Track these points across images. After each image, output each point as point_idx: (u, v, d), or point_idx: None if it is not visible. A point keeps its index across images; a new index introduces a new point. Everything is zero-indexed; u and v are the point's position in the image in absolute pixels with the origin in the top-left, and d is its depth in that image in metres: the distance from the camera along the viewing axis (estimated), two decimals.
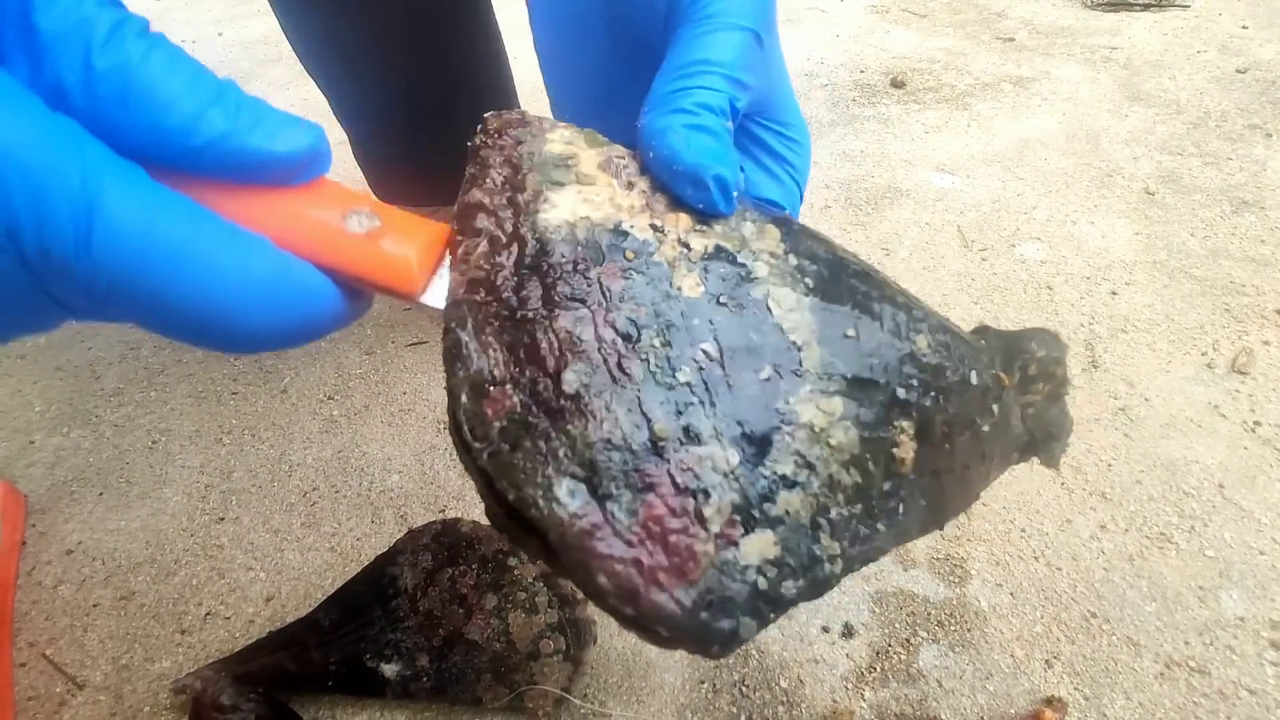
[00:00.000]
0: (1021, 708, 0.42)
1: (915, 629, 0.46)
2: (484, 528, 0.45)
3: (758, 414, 0.19)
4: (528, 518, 0.18)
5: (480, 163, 0.23)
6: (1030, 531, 0.51)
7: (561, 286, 0.20)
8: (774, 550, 0.19)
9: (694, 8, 0.24)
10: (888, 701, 0.42)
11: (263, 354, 0.68)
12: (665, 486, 0.18)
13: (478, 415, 0.18)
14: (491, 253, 0.20)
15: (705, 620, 0.18)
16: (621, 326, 0.19)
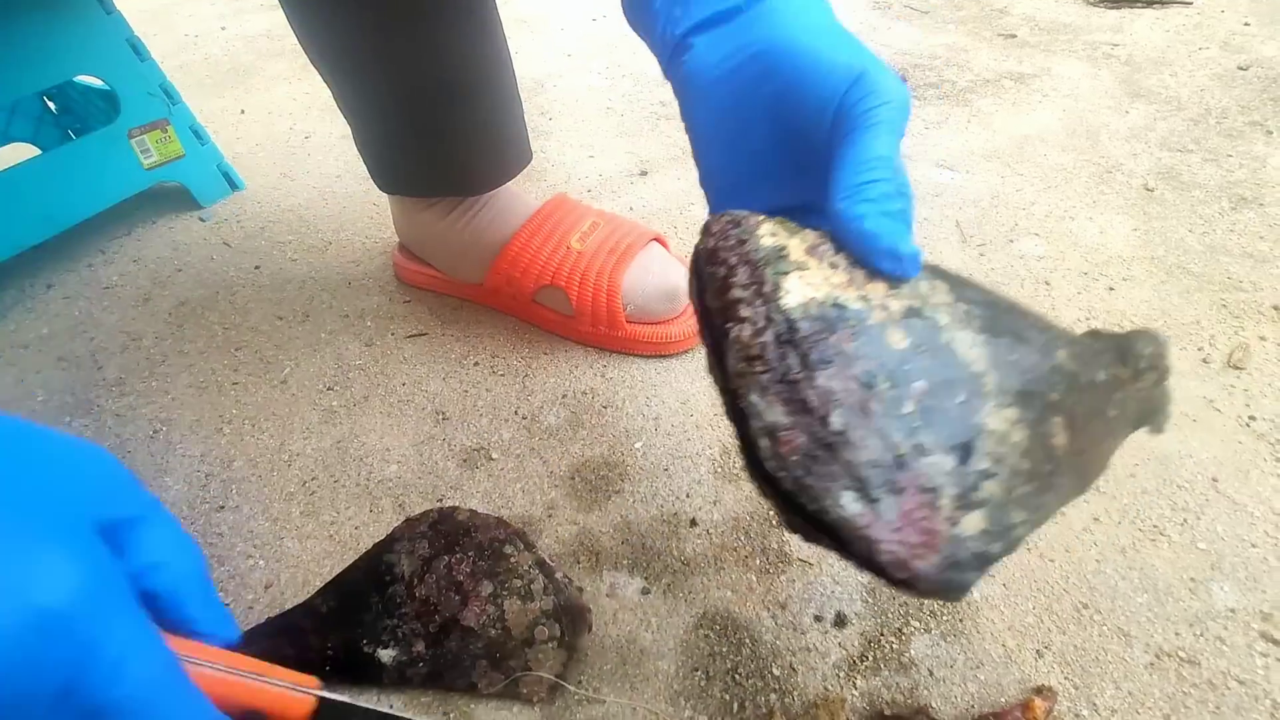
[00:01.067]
0: (1012, 696, 0.42)
1: (908, 619, 0.46)
2: (481, 516, 0.46)
3: (961, 428, 0.27)
4: (826, 522, 0.25)
5: (723, 264, 0.29)
6: None
7: (813, 354, 0.26)
8: (983, 524, 0.26)
9: (865, 116, 0.30)
10: (879, 690, 0.43)
11: (263, 344, 0.68)
12: (911, 488, 0.25)
13: (776, 454, 0.25)
14: (755, 334, 0.27)
15: (949, 577, 0.26)
16: (861, 378, 0.26)
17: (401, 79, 0.58)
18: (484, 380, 0.64)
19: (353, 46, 0.57)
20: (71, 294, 0.76)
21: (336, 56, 0.59)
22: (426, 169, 0.62)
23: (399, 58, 0.56)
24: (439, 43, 0.57)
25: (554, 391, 0.63)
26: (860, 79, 0.30)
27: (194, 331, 0.70)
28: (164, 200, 0.88)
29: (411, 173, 0.63)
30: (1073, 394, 0.29)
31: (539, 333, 0.68)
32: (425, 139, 0.60)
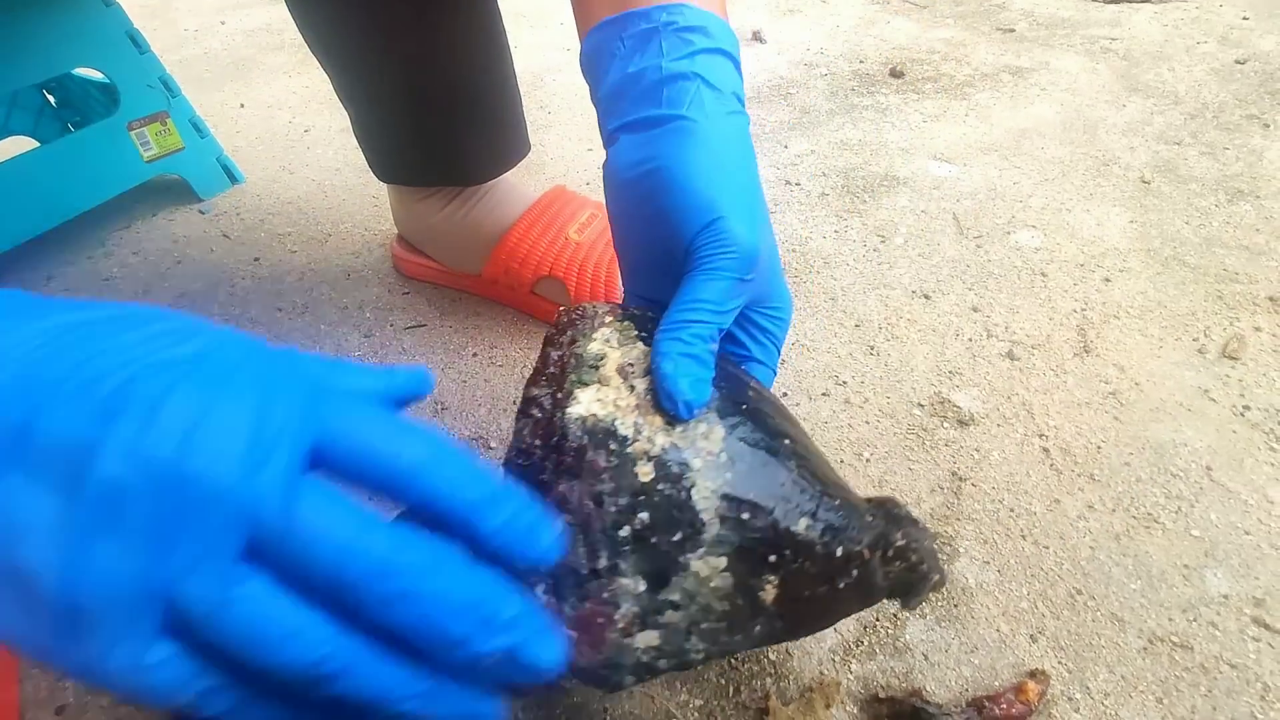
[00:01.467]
0: (1006, 680, 0.42)
1: None
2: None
3: (665, 562, 0.28)
4: None
5: (544, 359, 0.33)
6: (1018, 511, 0.51)
7: (567, 462, 0.29)
8: (656, 642, 0.29)
9: (703, 260, 0.33)
10: (874, 674, 0.43)
11: (263, 336, 0.69)
12: (594, 598, 0.28)
13: None
14: (534, 432, 0.30)
15: (605, 674, 0.29)
16: (595, 496, 0.28)
17: (401, 68, 0.58)
18: (482, 371, 0.64)
19: (353, 36, 0.57)
20: (72, 286, 0.77)
21: (336, 45, 0.59)
22: (425, 158, 0.63)
23: (399, 47, 0.57)
24: (439, 33, 0.57)
25: None
26: (712, 224, 0.33)
27: None
28: (164, 193, 0.89)
29: (410, 162, 0.64)
30: (800, 560, 0.30)
31: (537, 323, 0.68)
32: (424, 128, 0.61)
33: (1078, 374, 0.61)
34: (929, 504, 0.52)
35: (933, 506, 0.52)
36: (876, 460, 0.55)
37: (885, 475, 0.54)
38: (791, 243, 0.76)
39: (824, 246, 0.75)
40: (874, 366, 0.63)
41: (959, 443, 0.56)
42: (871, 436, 0.57)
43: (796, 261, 0.73)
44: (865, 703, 0.42)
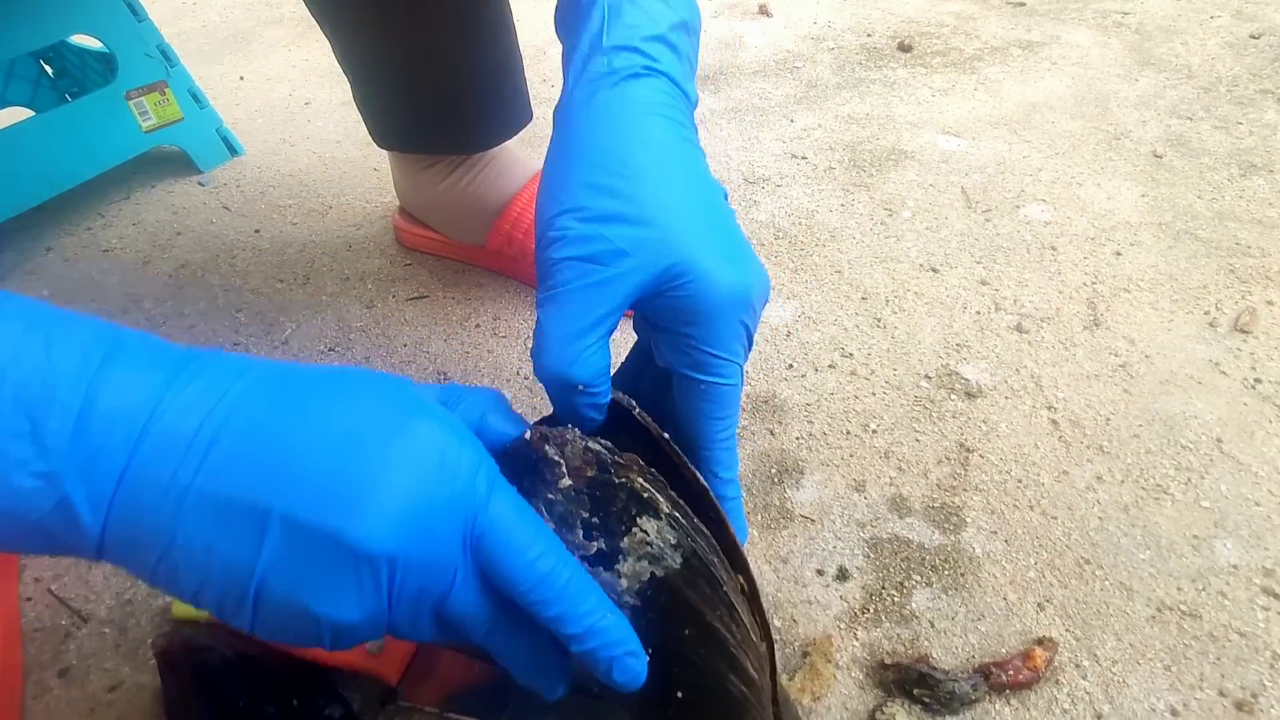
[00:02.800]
0: (1013, 648, 0.42)
1: (909, 573, 0.46)
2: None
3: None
4: None
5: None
6: (1027, 482, 0.51)
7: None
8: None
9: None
10: (880, 640, 0.43)
11: (264, 306, 0.68)
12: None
13: None
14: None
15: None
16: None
17: (403, 34, 0.57)
18: (486, 342, 0.64)
19: (355, 5, 0.56)
20: (71, 256, 0.76)
21: (337, 11, 0.58)
22: (425, 125, 0.62)
23: (400, 13, 0.56)
24: (442, 4, 0.56)
25: None
26: (537, 238, 0.32)
27: (194, 294, 0.70)
28: (163, 165, 0.88)
29: (410, 129, 0.63)
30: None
31: None
32: (425, 94, 0.60)
33: (1087, 347, 0.60)
34: (936, 475, 0.52)
35: (940, 477, 0.52)
36: (883, 431, 0.55)
37: (892, 446, 0.54)
38: (797, 216, 0.75)
39: (830, 220, 0.74)
40: (881, 339, 0.62)
41: (967, 414, 0.56)
42: (878, 408, 0.56)
43: (803, 235, 0.72)
44: (871, 669, 0.42)
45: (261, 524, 0.23)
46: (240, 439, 0.23)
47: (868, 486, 0.51)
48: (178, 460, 0.23)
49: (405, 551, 0.24)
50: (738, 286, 0.30)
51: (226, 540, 0.23)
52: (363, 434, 0.25)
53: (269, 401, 0.24)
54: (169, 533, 0.23)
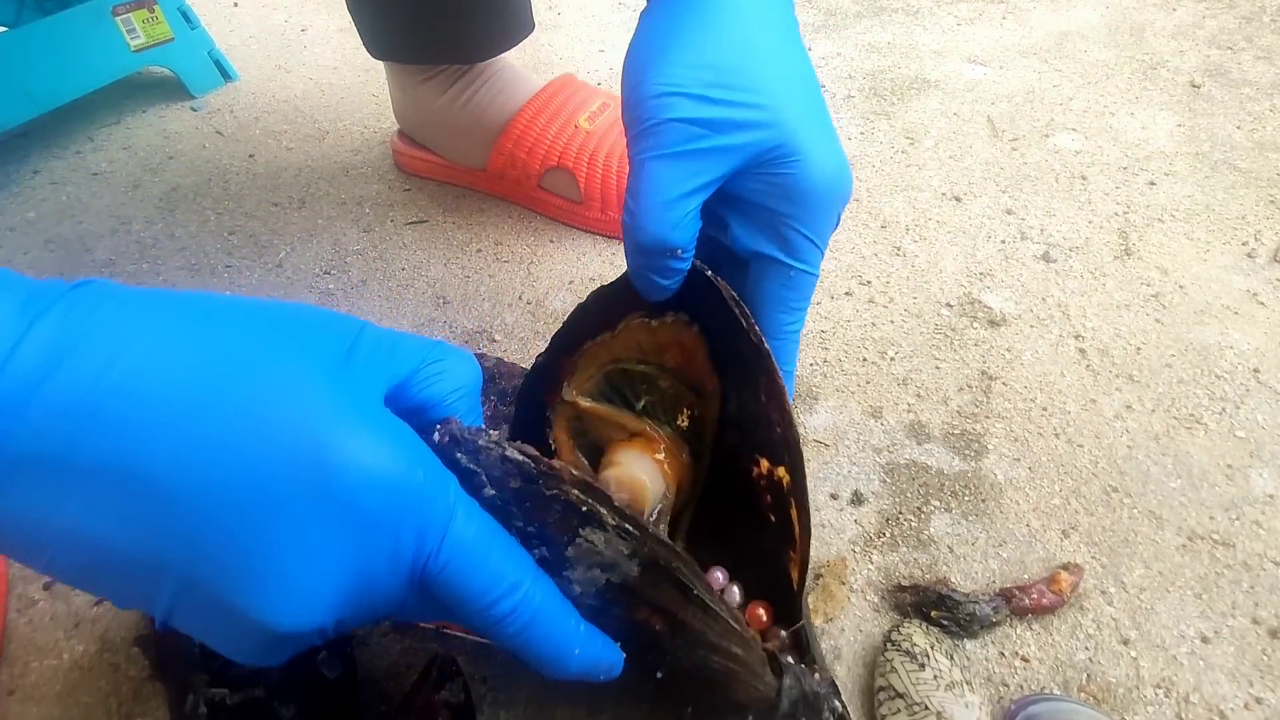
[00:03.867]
0: (1035, 574, 0.40)
1: (927, 498, 0.44)
2: (506, 364, 0.44)
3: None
4: None
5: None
6: (1052, 410, 0.49)
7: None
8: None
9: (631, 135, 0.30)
10: (896, 565, 0.41)
11: (258, 229, 0.66)
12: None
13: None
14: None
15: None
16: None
17: None
18: (487, 267, 0.61)
19: None
20: (59, 180, 0.73)
21: None
22: (422, 32, 0.58)
23: None
24: None
25: (560, 278, 0.60)
26: (632, 95, 0.30)
27: (185, 216, 0.67)
28: (154, 90, 0.84)
29: (406, 37, 0.59)
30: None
31: (545, 220, 0.65)
32: (417, 2, 0.56)
33: (1118, 277, 0.57)
34: (956, 402, 0.49)
35: (960, 404, 0.49)
36: (902, 359, 0.52)
37: (911, 374, 0.51)
38: None
39: (848, 148, 0.71)
40: (900, 267, 0.59)
41: (989, 343, 0.53)
42: (897, 336, 0.54)
43: None
44: (887, 592, 0.40)
45: (156, 580, 0.20)
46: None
47: (885, 413, 0.49)
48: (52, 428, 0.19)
49: (336, 618, 0.21)
50: (840, 175, 0.30)
51: (120, 586, 0.20)
52: (275, 475, 0.20)
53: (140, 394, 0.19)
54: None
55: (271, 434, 0.20)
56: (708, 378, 0.35)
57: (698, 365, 0.35)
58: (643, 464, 0.33)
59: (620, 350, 0.36)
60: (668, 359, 0.36)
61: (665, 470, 0.34)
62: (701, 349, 0.34)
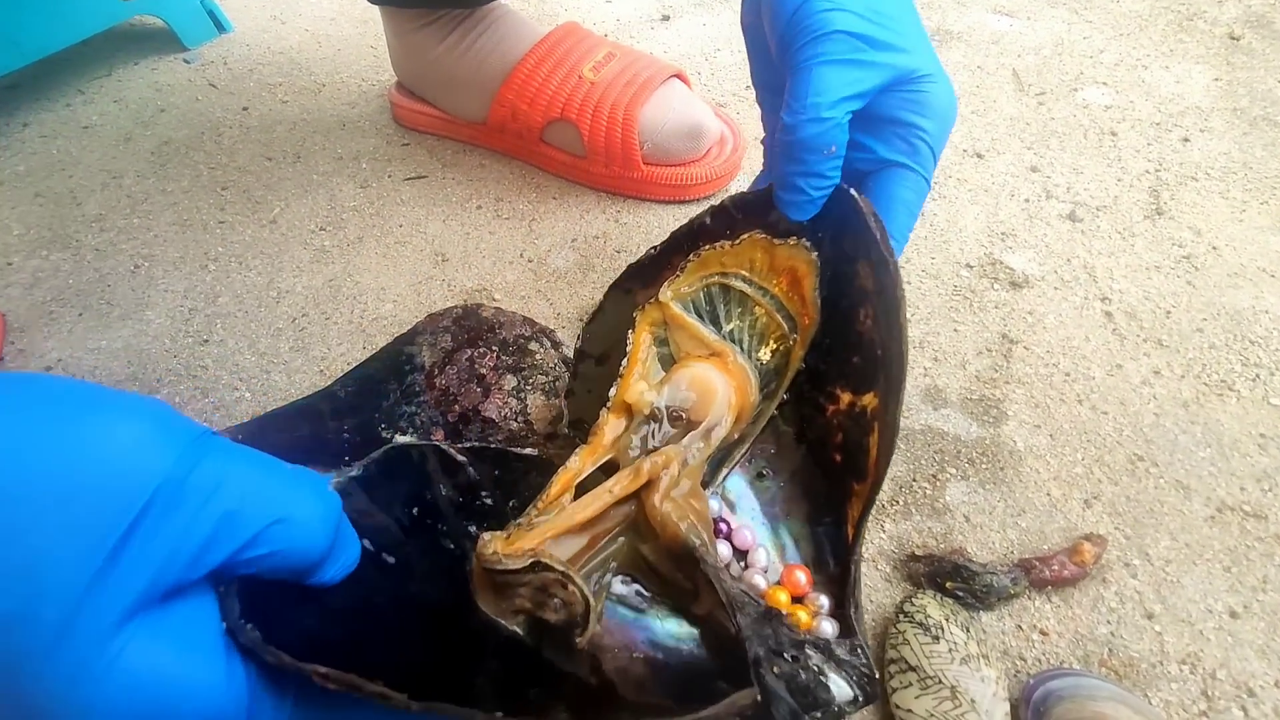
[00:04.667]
0: (1056, 545, 0.38)
1: (943, 465, 0.42)
2: (506, 314, 0.44)
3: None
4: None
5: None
6: (1075, 376, 0.46)
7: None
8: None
9: (789, 52, 0.33)
10: (909, 533, 0.39)
11: (251, 184, 0.63)
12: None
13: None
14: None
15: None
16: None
17: None
18: (487, 223, 0.59)
19: None
20: (49, 133, 0.71)
21: None
22: None
23: None
24: None
25: (563, 235, 0.58)
26: (800, 9, 0.32)
27: (178, 170, 0.65)
28: (146, 42, 0.82)
29: None
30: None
31: (547, 176, 0.62)
32: None
33: (1148, 237, 0.55)
34: (975, 366, 0.47)
35: (979, 369, 0.47)
36: (918, 321, 0.50)
37: (927, 337, 0.49)
38: None
39: None
40: (918, 227, 0.56)
41: (1011, 305, 0.51)
42: (913, 297, 0.52)
43: None
44: (899, 562, 0.38)
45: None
46: None
47: None
48: None
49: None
50: (955, 102, 0.34)
51: None
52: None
53: None
54: None
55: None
56: (807, 310, 0.35)
57: (802, 295, 0.35)
58: (718, 377, 0.34)
59: (732, 263, 0.37)
60: (775, 284, 0.36)
61: (733, 397, 0.34)
62: (811, 280, 0.35)
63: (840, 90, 0.31)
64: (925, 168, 0.34)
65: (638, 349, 0.36)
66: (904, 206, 0.34)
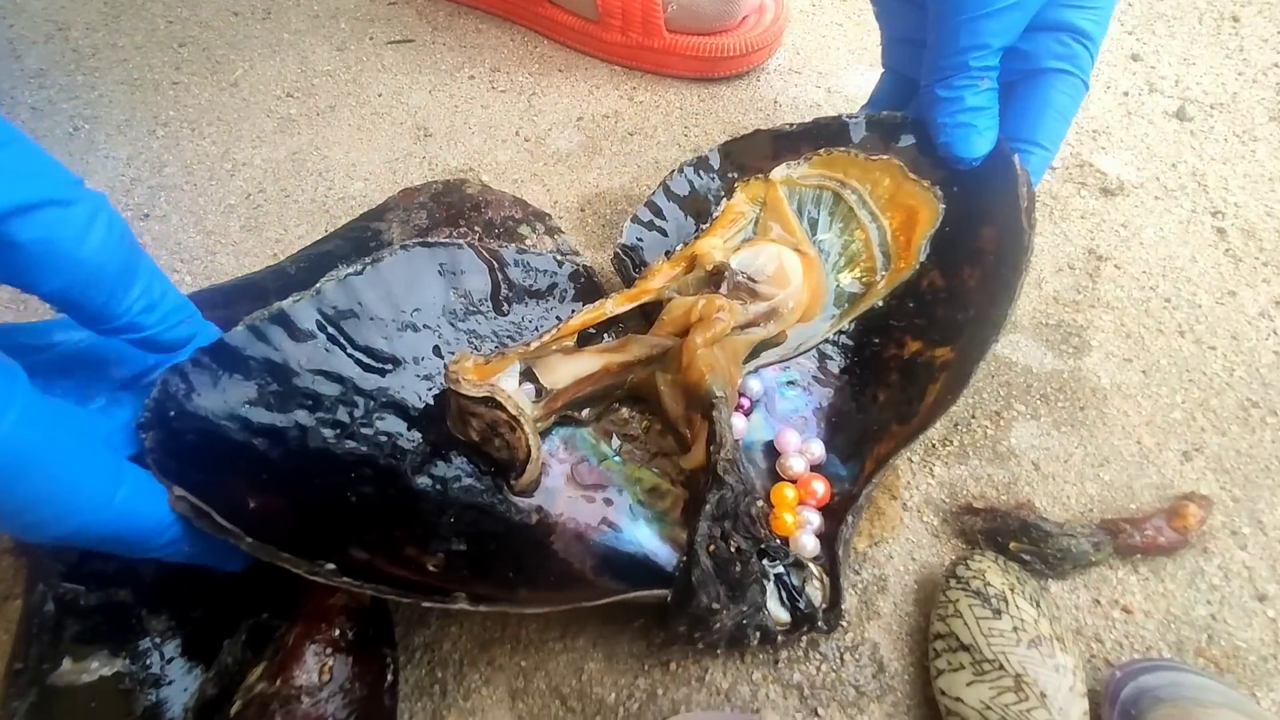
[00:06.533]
0: (1145, 503, 0.31)
1: (1009, 401, 0.35)
2: (495, 192, 0.38)
3: None
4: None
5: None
6: (1177, 302, 0.38)
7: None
8: None
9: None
10: (964, 480, 0.32)
11: (213, 41, 0.55)
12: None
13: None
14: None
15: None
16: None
17: None
18: (480, 96, 0.50)
19: None
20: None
21: None
22: None
23: None
24: None
25: (567, 113, 0.49)
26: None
27: (131, 24, 0.57)
28: None
29: None
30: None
31: (553, 45, 0.53)
32: None
33: (1272, 142, 0.45)
34: (1054, 286, 0.39)
35: (1058, 289, 0.39)
36: None
37: None
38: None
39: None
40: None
41: (1101, 215, 0.42)
42: None
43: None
44: (952, 514, 0.31)
45: None
46: None
47: None
48: None
49: None
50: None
51: None
52: None
53: None
54: None
55: None
56: (907, 255, 0.34)
57: (909, 238, 0.34)
58: (801, 268, 0.33)
59: (857, 176, 0.36)
60: (889, 217, 0.35)
61: (804, 297, 0.33)
62: (925, 228, 0.34)
63: (993, 39, 0.31)
64: (1084, 70, 0.33)
65: (728, 213, 0.36)
66: (1058, 113, 0.33)
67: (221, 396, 0.26)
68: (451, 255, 0.32)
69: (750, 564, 0.26)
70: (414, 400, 0.30)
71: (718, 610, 0.24)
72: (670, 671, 0.28)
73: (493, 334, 0.33)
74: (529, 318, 0.34)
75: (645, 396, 0.33)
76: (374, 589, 0.21)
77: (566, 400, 0.32)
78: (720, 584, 0.25)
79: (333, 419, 0.28)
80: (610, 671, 0.28)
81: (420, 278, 0.32)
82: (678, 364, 0.31)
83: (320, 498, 0.25)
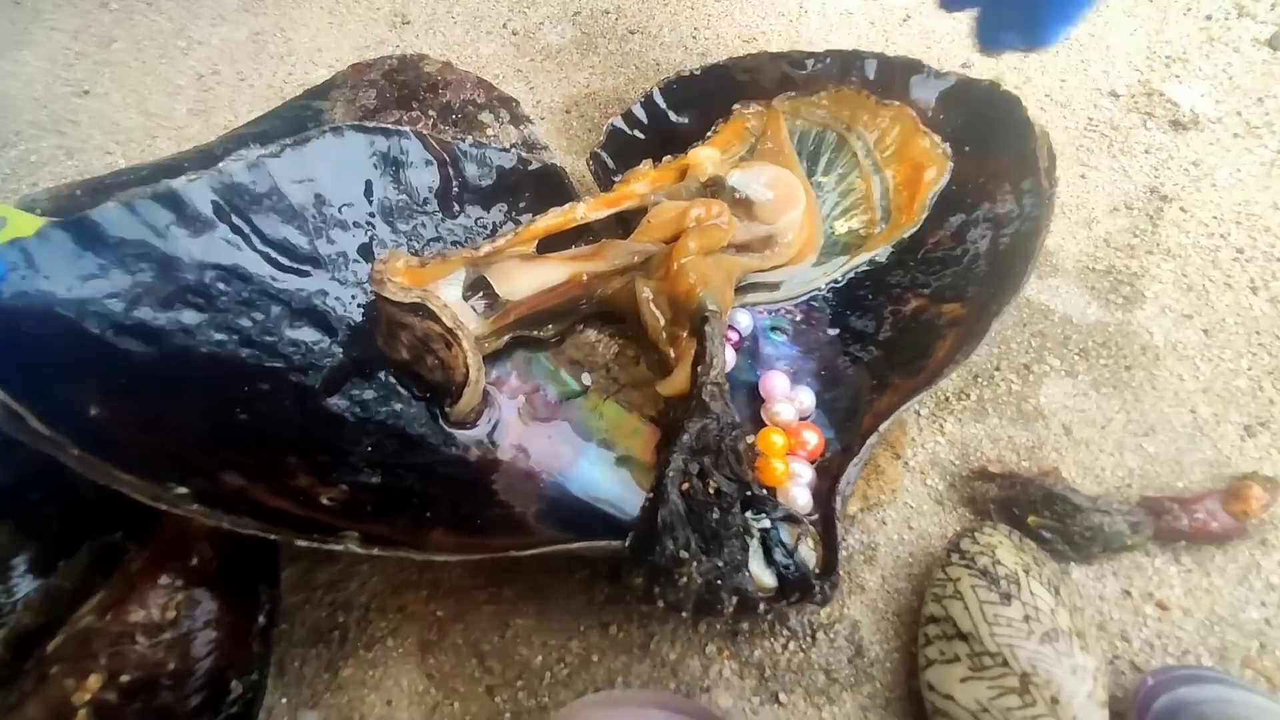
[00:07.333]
0: (1196, 481, 0.26)
1: (1041, 353, 0.30)
2: (457, 71, 0.34)
3: None
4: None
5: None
6: (1251, 254, 0.32)
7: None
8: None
9: None
10: (979, 440, 0.27)
11: None
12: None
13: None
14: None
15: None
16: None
17: None
18: None
19: None
20: None
21: None
22: None
23: None
24: None
25: (562, 5, 0.43)
26: None
27: None
28: None
29: None
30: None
31: None
32: None
33: None
34: (1106, 227, 0.34)
35: (1111, 231, 0.33)
36: None
37: None
38: None
39: None
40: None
41: (1168, 151, 0.36)
42: None
43: None
44: (962, 478, 0.26)
45: None
46: None
47: None
48: None
49: None
50: None
51: None
52: None
53: None
54: None
55: None
56: (909, 211, 0.31)
57: (914, 194, 0.31)
58: (804, 197, 0.30)
59: (869, 125, 0.33)
60: (894, 170, 0.32)
61: (801, 230, 0.30)
62: (932, 186, 0.31)
63: None
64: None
65: (733, 126, 0.33)
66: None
67: (75, 282, 0.21)
68: (394, 143, 0.28)
69: (731, 513, 0.21)
70: (337, 309, 0.26)
71: (685, 560, 0.20)
72: (609, 635, 0.23)
73: (440, 238, 0.29)
74: (485, 222, 0.29)
75: (618, 313, 0.29)
76: (231, 521, 0.17)
77: (521, 315, 0.27)
78: (691, 530, 0.20)
79: (228, 322, 0.24)
80: (539, 630, 0.24)
81: (353, 167, 0.27)
82: (664, 270, 0.27)
83: (194, 412, 0.21)
